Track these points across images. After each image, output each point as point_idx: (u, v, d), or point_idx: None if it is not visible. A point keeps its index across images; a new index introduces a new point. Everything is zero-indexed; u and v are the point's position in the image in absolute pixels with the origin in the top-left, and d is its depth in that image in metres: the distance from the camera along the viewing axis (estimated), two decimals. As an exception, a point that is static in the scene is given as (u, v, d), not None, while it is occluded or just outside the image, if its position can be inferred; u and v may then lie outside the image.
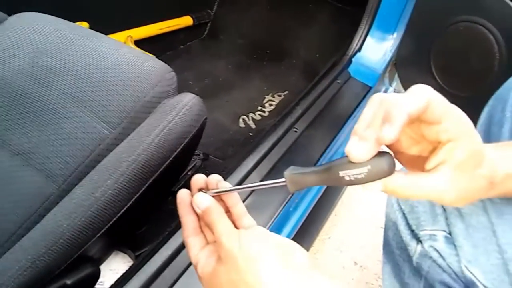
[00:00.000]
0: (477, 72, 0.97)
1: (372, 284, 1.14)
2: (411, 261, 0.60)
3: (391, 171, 0.38)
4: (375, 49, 1.30)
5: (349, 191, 1.33)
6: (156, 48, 1.47)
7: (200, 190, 0.48)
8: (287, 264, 0.40)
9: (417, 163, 0.42)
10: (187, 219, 0.48)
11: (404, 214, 0.62)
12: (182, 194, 0.49)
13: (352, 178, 0.38)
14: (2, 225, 0.63)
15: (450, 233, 0.55)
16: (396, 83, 1.37)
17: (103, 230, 0.59)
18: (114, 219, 0.60)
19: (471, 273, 0.51)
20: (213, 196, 0.47)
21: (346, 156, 0.38)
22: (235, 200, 0.48)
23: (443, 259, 0.55)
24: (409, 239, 0.61)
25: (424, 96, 0.36)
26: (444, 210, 0.57)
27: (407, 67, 1.19)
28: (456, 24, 1.01)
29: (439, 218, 0.56)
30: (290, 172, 0.42)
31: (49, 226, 0.57)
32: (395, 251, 0.66)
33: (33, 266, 0.53)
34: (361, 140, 0.37)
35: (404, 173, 0.40)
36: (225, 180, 0.79)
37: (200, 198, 0.46)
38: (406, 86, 1.19)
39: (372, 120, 0.37)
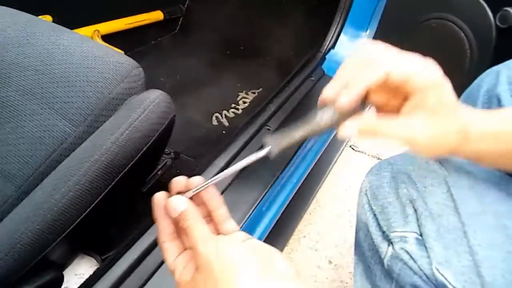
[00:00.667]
0: (448, 70, 0.97)
1: (346, 283, 1.13)
2: (383, 264, 0.59)
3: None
4: (349, 46, 1.29)
5: (323, 189, 1.33)
6: (125, 44, 1.42)
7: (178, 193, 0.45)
8: (267, 273, 0.38)
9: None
10: (163, 223, 0.45)
11: (375, 214, 0.61)
12: (159, 196, 0.46)
13: (329, 121, 0.42)
14: (-45, 230, 0.59)
15: (421, 235, 0.54)
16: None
17: (64, 234, 0.56)
18: (76, 222, 0.57)
19: (442, 275, 0.50)
20: (192, 198, 0.44)
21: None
22: (217, 204, 0.46)
23: (414, 261, 0.53)
24: (380, 240, 0.59)
25: (382, 70, 0.40)
26: (415, 210, 0.55)
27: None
28: (428, 21, 1.02)
29: (410, 219, 0.55)
30: (269, 136, 0.43)
31: (6, 231, 0.53)
32: (366, 253, 0.64)
33: (-12, 273, 0.50)
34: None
35: (379, 115, 0.44)
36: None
37: (175, 202, 0.43)
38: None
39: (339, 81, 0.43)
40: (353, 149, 1.68)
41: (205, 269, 0.39)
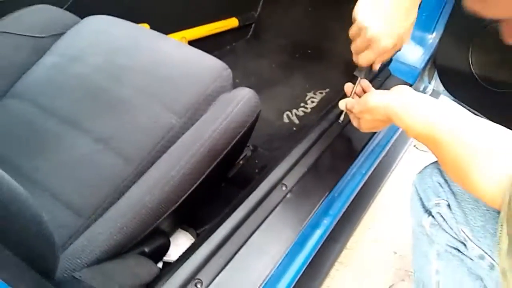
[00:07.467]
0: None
1: (411, 272, 1.19)
2: (426, 233, 0.74)
3: None
4: (415, 47, 1.34)
5: (388, 185, 1.38)
6: (205, 48, 1.56)
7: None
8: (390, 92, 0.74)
9: None
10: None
11: (420, 198, 0.77)
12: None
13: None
14: (89, 199, 0.73)
15: (449, 205, 0.69)
16: (435, 81, 1.41)
17: (177, 204, 0.68)
18: (186, 194, 0.69)
19: (463, 231, 0.64)
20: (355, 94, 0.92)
21: None
22: (366, 85, 0.92)
23: (446, 222, 0.68)
24: (422, 214, 0.75)
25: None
26: (443, 188, 0.71)
27: (447, 66, 1.23)
28: (496, 23, 1.05)
29: (442, 194, 0.71)
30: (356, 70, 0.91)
31: (133, 199, 0.66)
32: (416, 229, 0.80)
33: (121, 232, 0.63)
34: None
35: None
36: (276, 167, 0.87)
37: (340, 105, 0.91)
38: (445, 83, 1.24)
39: None
40: (417, 148, 1.72)
41: (364, 114, 0.78)
